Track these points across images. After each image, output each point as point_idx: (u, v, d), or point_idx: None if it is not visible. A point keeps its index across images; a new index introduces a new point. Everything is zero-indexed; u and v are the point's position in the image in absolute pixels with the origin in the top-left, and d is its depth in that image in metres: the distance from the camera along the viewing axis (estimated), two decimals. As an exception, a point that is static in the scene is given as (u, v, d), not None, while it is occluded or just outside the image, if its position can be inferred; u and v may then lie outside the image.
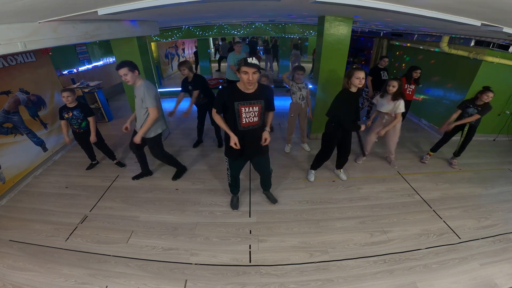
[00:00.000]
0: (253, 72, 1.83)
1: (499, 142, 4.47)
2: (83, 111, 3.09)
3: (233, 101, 1.99)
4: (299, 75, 3.40)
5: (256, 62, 1.83)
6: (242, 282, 2.04)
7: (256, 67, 1.83)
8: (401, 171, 3.52)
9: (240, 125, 2.08)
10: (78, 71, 5.93)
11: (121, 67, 2.43)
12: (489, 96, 3.00)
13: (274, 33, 6.60)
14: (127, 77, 2.46)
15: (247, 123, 2.08)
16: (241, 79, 1.91)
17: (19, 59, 3.39)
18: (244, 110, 2.03)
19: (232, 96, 2.00)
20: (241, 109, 2.02)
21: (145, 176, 3.38)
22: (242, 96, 2.00)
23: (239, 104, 2.00)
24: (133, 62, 2.52)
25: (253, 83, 1.90)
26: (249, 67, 1.82)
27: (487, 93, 3.00)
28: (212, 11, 2.94)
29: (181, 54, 10.66)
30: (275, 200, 2.89)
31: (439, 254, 2.29)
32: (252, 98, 2.01)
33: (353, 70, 2.55)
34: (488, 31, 2.09)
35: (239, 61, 1.88)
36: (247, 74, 1.84)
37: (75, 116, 3.07)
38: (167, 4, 1.60)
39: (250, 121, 2.09)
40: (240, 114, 2.04)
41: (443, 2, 1.40)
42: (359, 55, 8.41)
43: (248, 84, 1.89)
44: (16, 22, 1.66)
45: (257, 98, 2.03)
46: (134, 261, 2.22)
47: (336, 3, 1.71)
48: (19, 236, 2.49)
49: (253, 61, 1.81)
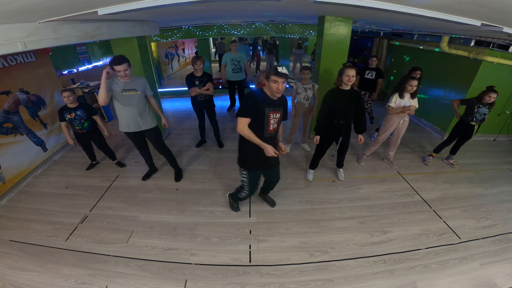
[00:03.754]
0: (283, 81, 1.82)
1: (499, 142, 4.47)
2: (86, 111, 3.09)
3: (264, 107, 1.94)
4: (305, 75, 3.40)
5: (286, 72, 1.81)
6: (242, 282, 2.04)
7: (286, 77, 1.81)
8: (401, 171, 3.52)
9: (267, 132, 2.03)
10: (78, 71, 5.92)
11: (122, 62, 2.33)
12: (491, 97, 2.99)
13: (274, 33, 6.59)
14: (127, 72, 2.40)
15: (273, 129, 2.06)
16: (270, 87, 1.87)
17: (19, 59, 3.39)
18: (272, 116, 1.99)
19: (262, 102, 1.94)
20: (270, 115, 1.98)
21: (152, 174, 3.41)
22: (270, 102, 1.95)
23: (269, 110, 1.96)
24: None
25: (281, 92, 1.89)
26: (279, 77, 1.80)
27: (489, 94, 2.98)
28: (212, 11, 2.94)
29: (181, 54, 10.65)
30: (274, 202, 2.88)
31: (439, 254, 2.29)
32: (278, 104, 1.99)
33: (344, 68, 2.57)
34: (488, 31, 2.09)
35: (269, 70, 1.85)
36: (277, 83, 1.82)
37: (79, 116, 3.05)
38: (167, 4, 1.59)
39: (274, 127, 2.07)
40: (269, 120, 1.99)
41: (443, 2, 1.40)
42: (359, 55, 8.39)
43: (277, 93, 1.88)
44: (16, 22, 1.66)
45: (280, 105, 2.02)
46: (134, 261, 2.22)
47: (336, 3, 1.71)
48: (19, 236, 2.49)
49: (283, 71, 1.79)
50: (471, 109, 3.16)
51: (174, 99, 6.78)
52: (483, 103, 3.09)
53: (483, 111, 3.11)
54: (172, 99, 6.78)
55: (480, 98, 3.09)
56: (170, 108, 6.16)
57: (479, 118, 3.19)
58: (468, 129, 3.31)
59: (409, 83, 3.00)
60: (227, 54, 4.91)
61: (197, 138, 4.27)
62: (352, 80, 2.54)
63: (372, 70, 4.52)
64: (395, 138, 3.40)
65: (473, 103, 3.15)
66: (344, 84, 2.59)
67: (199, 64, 3.38)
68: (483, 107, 3.10)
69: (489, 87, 3.02)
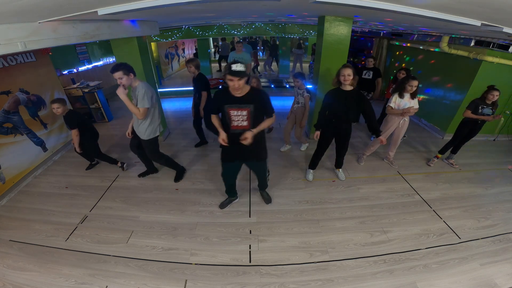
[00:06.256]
0: (238, 79, 1.83)
1: (499, 142, 4.47)
2: (66, 122, 3.01)
3: (223, 104, 2.03)
4: (295, 82, 3.40)
5: (241, 69, 1.81)
6: (242, 282, 2.04)
7: (239, 75, 1.82)
8: (401, 171, 3.52)
9: (230, 128, 2.11)
10: (78, 71, 5.93)
11: (115, 70, 2.30)
12: (494, 95, 3.00)
13: (274, 33, 6.60)
14: (122, 81, 2.35)
15: (236, 126, 2.10)
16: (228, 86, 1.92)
17: (19, 59, 3.39)
18: (233, 113, 2.05)
19: (223, 99, 2.04)
20: (229, 112, 2.04)
21: (150, 174, 3.40)
22: (231, 100, 2.01)
23: (228, 107, 2.03)
24: (128, 64, 2.40)
25: (239, 89, 1.91)
26: (233, 76, 1.81)
27: (492, 92, 3.00)
28: (212, 11, 2.94)
29: (181, 54, 10.66)
30: (269, 200, 2.90)
31: (439, 254, 2.29)
32: (240, 102, 2.00)
33: (340, 67, 2.59)
34: (488, 31, 2.09)
35: (224, 68, 1.88)
36: (232, 81, 1.85)
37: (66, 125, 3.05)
38: (167, 4, 1.59)
39: (239, 124, 2.09)
40: (230, 117, 2.06)
41: (443, 2, 1.40)
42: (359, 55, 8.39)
43: (234, 90, 1.92)
44: (16, 22, 1.66)
45: (245, 102, 2.01)
46: (134, 261, 2.22)
47: (336, 3, 1.71)
48: (19, 236, 2.49)
49: (237, 68, 1.80)
50: (476, 110, 3.17)
51: (174, 99, 6.78)
52: (486, 103, 3.10)
53: (486, 112, 3.12)
54: (172, 99, 6.79)
55: (484, 97, 3.11)
56: (170, 108, 6.16)
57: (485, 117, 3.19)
58: (475, 126, 3.30)
59: (409, 83, 2.99)
60: (232, 54, 5.00)
61: (197, 138, 4.27)
62: (348, 79, 2.53)
63: (369, 70, 4.52)
64: (395, 138, 3.40)
65: (477, 104, 3.16)
66: (343, 84, 2.59)
67: (189, 67, 3.39)
68: (486, 108, 3.11)
69: (490, 86, 3.04)
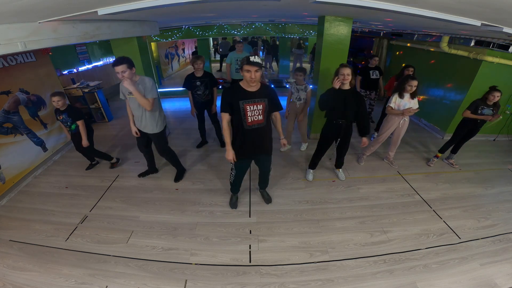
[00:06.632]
0: (255, 70, 1.88)
1: (499, 142, 4.47)
2: (70, 116, 3.02)
3: (238, 100, 2.01)
4: (297, 76, 3.40)
5: (259, 61, 1.87)
6: (242, 282, 2.04)
7: (258, 65, 1.87)
8: (401, 171, 3.52)
9: (246, 124, 2.09)
10: (78, 71, 5.92)
11: (119, 63, 2.28)
12: (495, 96, 3.00)
13: (274, 33, 6.60)
14: (125, 74, 2.32)
15: (252, 121, 2.10)
16: (244, 77, 1.95)
17: (19, 59, 3.39)
18: (249, 109, 2.04)
19: (236, 96, 2.02)
20: (246, 107, 2.03)
21: (150, 174, 3.40)
22: (246, 95, 2.02)
23: (244, 102, 2.02)
24: (130, 59, 2.39)
25: (256, 80, 1.93)
26: (251, 66, 1.86)
27: (493, 93, 3.00)
28: (212, 11, 2.94)
29: (181, 54, 10.66)
30: (270, 200, 2.90)
31: (439, 254, 2.29)
32: (255, 96, 2.04)
33: (339, 67, 2.59)
34: (488, 31, 2.09)
35: (242, 60, 1.92)
36: (249, 72, 1.88)
37: (64, 120, 3.04)
38: (167, 4, 1.59)
39: (255, 119, 2.10)
40: (246, 113, 2.05)
41: (443, 2, 1.40)
42: (359, 55, 8.40)
43: (250, 81, 1.94)
44: (16, 22, 1.66)
45: (260, 96, 2.06)
46: (134, 261, 2.22)
47: (336, 3, 1.71)
48: (19, 236, 2.49)
49: (255, 60, 1.85)
50: (476, 110, 3.17)
51: (174, 99, 6.78)
52: (487, 104, 3.10)
53: (487, 112, 3.12)
54: (172, 99, 6.78)
55: (485, 98, 3.10)
56: (170, 108, 6.16)
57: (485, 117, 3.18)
58: (475, 126, 3.29)
59: (408, 83, 2.99)
60: (232, 54, 4.95)
61: (197, 138, 4.27)
62: (348, 79, 2.54)
63: (374, 69, 4.53)
64: (395, 138, 3.40)
65: (478, 104, 3.15)
66: (342, 83, 2.57)
67: (199, 64, 3.37)
68: (487, 108, 3.11)
69: (492, 87, 3.04)
